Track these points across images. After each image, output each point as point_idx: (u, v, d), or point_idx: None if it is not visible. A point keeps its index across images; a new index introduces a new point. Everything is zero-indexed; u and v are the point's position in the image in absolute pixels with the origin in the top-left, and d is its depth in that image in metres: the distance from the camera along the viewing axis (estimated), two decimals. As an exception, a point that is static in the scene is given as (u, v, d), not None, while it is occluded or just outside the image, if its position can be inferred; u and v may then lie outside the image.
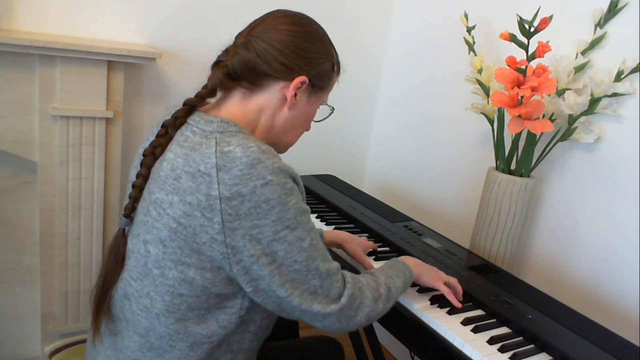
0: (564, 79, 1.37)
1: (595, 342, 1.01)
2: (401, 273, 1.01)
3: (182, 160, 0.78)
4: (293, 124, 0.92)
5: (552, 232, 1.50)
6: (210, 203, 0.75)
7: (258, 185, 0.75)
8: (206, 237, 0.76)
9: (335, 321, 0.83)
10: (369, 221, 1.51)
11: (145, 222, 0.82)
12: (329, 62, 0.91)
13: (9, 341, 1.73)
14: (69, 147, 1.54)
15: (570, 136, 1.38)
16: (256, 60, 0.85)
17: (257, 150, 0.77)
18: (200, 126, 0.82)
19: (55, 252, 1.63)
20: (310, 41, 0.87)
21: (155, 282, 0.81)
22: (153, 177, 0.83)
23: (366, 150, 2.31)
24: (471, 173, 1.78)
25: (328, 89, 0.95)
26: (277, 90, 0.87)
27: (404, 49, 2.09)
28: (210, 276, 0.79)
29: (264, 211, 0.75)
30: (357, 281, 0.88)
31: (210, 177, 0.75)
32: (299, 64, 0.86)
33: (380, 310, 0.91)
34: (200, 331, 0.83)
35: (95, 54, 1.47)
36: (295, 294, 0.80)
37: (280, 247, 0.77)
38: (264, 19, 0.89)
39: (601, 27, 1.35)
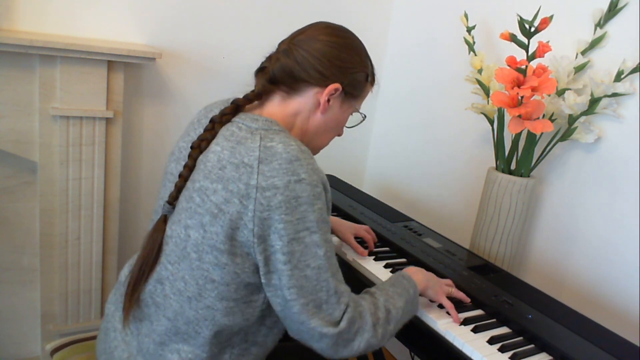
0: (564, 79, 1.37)
1: (595, 342, 1.01)
2: (404, 291, 0.98)
3: (229, 153, 0.84)
4: (325, 127, 0.97)
5: (552, 232, 1.50)
6: (248, 191, 0.80)
7: (292, 181, 0.80)
8: (240, 223, 0.81)
9: (332, 344, 0.84)
10: (369, 221, 1.51)
11: (187, 208, 0.87)
12: (363, 72, 0.97)
13: (9, 341, 1.73)
14: (69, 147, 1.54)
15: (570, 136, 1.38)
16: (294, 67, 0.91)
17: (297, 149, 0.83)
18: (246, 123, 0.88)
19: (55, 252, 1.63)
20: (346, 52, 0.93)
21: (191, 265, 0.85)
22: (198, 168, 0.88)
23: (366, 150, 2.31)
24: (471, 173, 1.78)
25: (361, 98, 1.01)
26: (312, 95, 0.93)
27: (404, 49, 2.09)
28: (240, 261, 0.83)
29: (292, 207, 0.80)
30: (358, 305, 0.88)
31: (252, 168, 0.81)
32: (333, 72, 0.92)
33: (380, 336, 0.89)
34: (226, 322, 0.87)
35: (95, 54, 1.47)
36: (300, 302, 0.82)
37: (297, 247, 0.81)
38: (307, 29, 0.95)
39: (601, 27, 1.35)
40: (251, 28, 1.87)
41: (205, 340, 0.88)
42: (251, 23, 1.86)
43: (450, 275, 1.22)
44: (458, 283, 1.18)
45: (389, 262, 1.27)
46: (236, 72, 1.87)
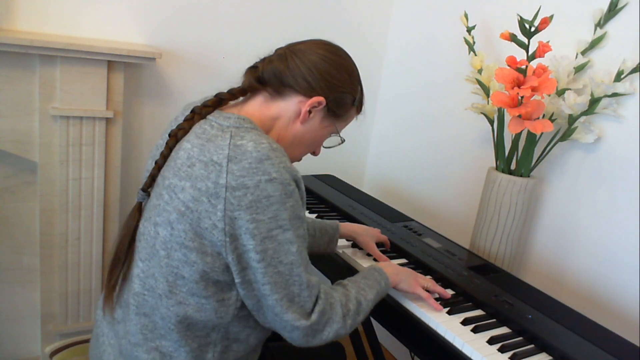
0: (564, 79, 1.37)
1: (595, 342, 1.01)
2: (376, 283, 1.01)
3: (198, 150, 0.84)
4: (302, 139, 0.97)
5: (552, 232, 1.50)
6: (217, 190, 0.80)
7: (262, 180, 0.80)
8: (209, 223, 0.81)
9: (303, 335, 0.86)
10: (369, 221, 1.51)
11: (157, 205, 0.88)
12: (350, 95, 0.97)
13: (9, 341, 1.73)
14: (69, 147, 1.54)
15: (570, 136, 1.38)
16: (285, 72, 0.92)
17: (268, 148, 0.82)
18: (218, 121, 0.88)
19: (55, 252, 1.63)
20: (338, 70, 0.94)
21: (160, 263, 0.86)
22: (168, 165, 0.89)
23: (366, 150, 2.31)
24: (471, 173, 1.78)
25: (343, 120, 1.01)
26: (295, 103, 0.93)
27: (404, 49, 2.10)
28: (210, 260, 0.83)
29: (263, 206, 0.80)
30: (330, 296, 0.90)
31: (220, 166, 0.80)
32: (321, 85, 0.92)
33: (349, 327, 0.92)
34: (198, 317, 0.87)
35: (95, 54, 1.47)
36: (274, 297, 0.83)
37: (270, 245, 0.81)
38: (307, 41, 0.97)
39: (601, 27, 1.35)
40: (251, 28, 1.87)
41: (180, 335, 0.88)
42: (251, 23, 1.86)
43: (450, 275, 1.22)
44: (458, 283, 1.18)
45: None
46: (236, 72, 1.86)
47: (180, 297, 0.86)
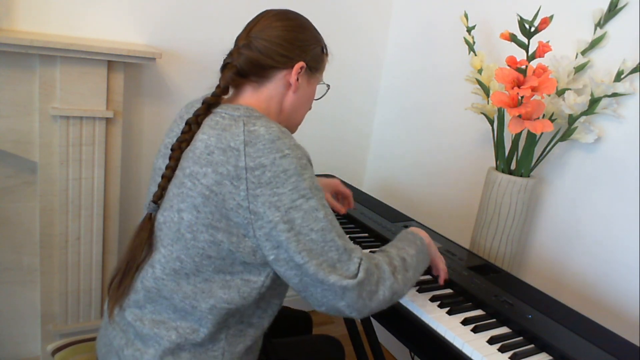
0: (564, 79, 1.37)
1: (595, 342, 1.01)
2: (412, 243, 1.04)
3: (215, 139, 0.89)
4: (299, 104, 1.04)
5: (552, 232, 1.50)
6: (238, 173, 0.85)
7: (277, 157, 0.85)
8: (233, 204, 0.85)
9: (357, 297, 0.87)
10: (369, 221, 1.51)
11: (179, 194, 0.91)
12: (319, 46, 1.03)
13: (9, 341, 1.73)
14: (69, 147, 1.54)
15: (570, 136, 1.38)
16: (259, 57, 0.96)
17: (278, 130, 0.89)
18: (228, 112, 0.93)
19: (55, 252, 1.63)
20: (301, 32, 1.00)
21: (187, 245, 0.90)
22: (186, 157, 0.93)
23: (366, 150, 2.31)
24: (471, 173, 1.78)
25: (322, 70, 1.07)
26: (281, 78, 0.99)
27: (404, 49, 2.10)
28: (235, 240, 0.87)
29: (282, 180, 0.85)
30: (372, 258, 0.93)
31: (238, 151, 0.86)
32: (296, 53, 0.98)
33: (401, 282, 0.94)
34: (222, 295, 0.90)
35: (95, 54, 1.47)
36: (313, 263, 0.85)
37: (297, 214, 0.85)
38: (258, 20, 1.00)
39: (601, 27, 1.35)
40: (251, 28, 1.87)
41: (202, 314, 0.91)
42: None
43: (451, 275, 1.22)
44: (458, 283, 1.18)
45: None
46: (236, 72, 1.87)
47: (206, 275, 0.90)
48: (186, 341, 0.92)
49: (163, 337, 0.92)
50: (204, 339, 0.92)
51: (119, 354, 0.96)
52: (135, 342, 0.95)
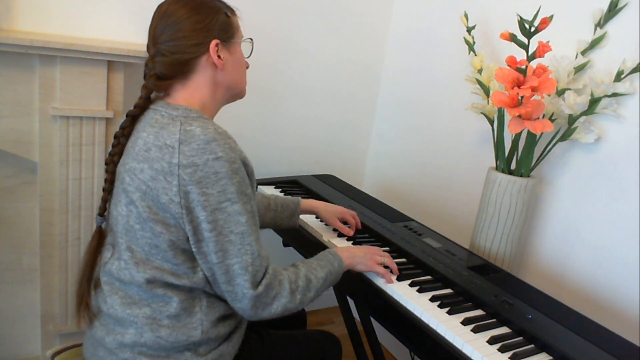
0: (564, 79, 1.37)
1: (595, 342, 1.01)
2: (328, 264, 1.10)
3: (153, 137, 0.94)
4: (233, 74, 1.06)
5: (552, 232, 1.50)
6: (171, 169, 0.90)
7: (210, 159, 0.89)
8: (166, 199, 0.91)
9: (251, 306, 0.94)
10: (369, 221, 1.51)
11: (122, 189, 0.97)
12: (220, 14, 1.02)
13: (9, 341, 1.73)
14: (69, 147, 1.54)
15: (570, 136, 1.38)
16: (174, 57, 0.99)
17: (214, 131, 0.92)
18: (167, 111, 0.97)
19: (55, 252, 1.63)
20: (198, 13, 0.99)
21: (136, 235, 0.95)
22: (127, 153, 0.99)
23: (366, 150, 2.31)
24: (471, 173, 1.78)
25: (236, 32, 1.07)
26: (204, 64, 1.01)
27: (404, 49, 2.10)
28: (173, 230, 0.93)
29: (212, 181, 0.90)
30: (279, 273, 0.99)
31: (173, 148, 0.90)
32: (204, 35, 0.99)
33: (298, 302, 1.00)
34: (174, 281, 0.95)
35: (95, 54, 1.47)
36: (225, 263, 0.92)
37: (220, 216, 0.91)
38: (154, 23, 1.01)
39: (601, 27, 1.35)
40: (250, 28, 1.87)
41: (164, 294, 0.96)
42: (250, 23, 1.86)
43: (451, 275, 1.22)
44: (458, 283, 1.18)
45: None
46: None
47: (156, 264, 0.95)
48: (161, 314, 0.96)
49: (138, 315, 0.96)
50: (179, 311, 0.96)
51: (103, 344, 1.00)
52: (115, 328, 0.99)
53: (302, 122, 2.09)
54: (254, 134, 1.99)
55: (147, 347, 0.96)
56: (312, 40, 2.00)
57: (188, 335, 0.96)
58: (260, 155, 2.03)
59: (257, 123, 1.99)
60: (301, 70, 2.02)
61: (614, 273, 1.35)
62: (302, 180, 1.89)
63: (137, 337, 0.96)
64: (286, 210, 1.38)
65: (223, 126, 0.99)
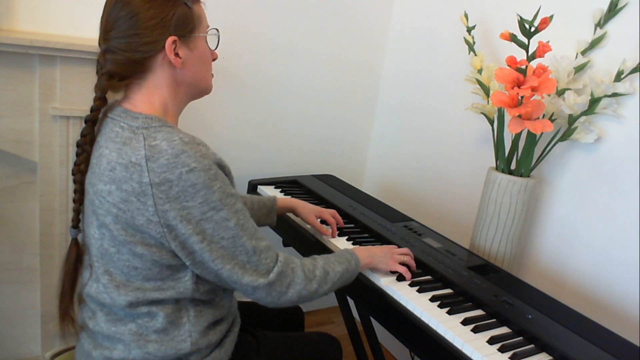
0: (564, 79, 1.37)
1: (595, 342, 1.01)
2: (345, 261, 1.09)
3: (116, 154, 0.87)
4: (194, 71, 0.96)
5: (552, 232, 1.50)
6: (143, 189, 0.84)
7: (184, 172, 0.84)
8: (143, 220, 0.85)
9: (266, 295, 0.94)
10: (369, 221, 1.51)
11: (93, 211, 0.92)
12: (179, 6, 0.91)
13: (9, 341, 1.73)
14: (69, 147, 1.54)
15: (570, 136, 1.38)
16: (126, 55, 0.89)
17: (180, 142, 0.85)
18: (127, 122, 0.90)
19: (55, 252, 1.63)
20: (153, 6, 0.89)
21: (112, 258, 0.91)
22: (92, 171, 0.92)
23: (366, 150, 2.31)
24: (471, 173, 1.78)
25: (199, 24, 0.96)
26: (161, 62, 0.92)
27: (404, 49, 2.10)
28: (156, 250, 0.88)
29: (191, 194, 0.84)
30: (291, 262, 0.98)
31: (140, 166, 0.84)
32: (159, 32, 0.89)
33: (314, 290, 1.00)
34: (158, 296, 0.92)
35: (95, 54, 1.45)
36: (226, 268, 0.90)
37: (207, 225, 0.87)
38: (105, 20, 0.92)
39: (601, 27, 1.35)
40: (250, 27, 1.87)
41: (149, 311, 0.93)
42: (250, 22, 1.86)
43: (451, 275, 1.22)
44: (458, 283, 1.18)
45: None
46: (236, 72, 1.87)
47: (137, 284, 0.91)
48: (147, 329, 0.93)
49: (124, 332, 0.93)
50: (165, 325, 0.93)
51: (89, 357, 0.98)
52: (103, 343, 0.96)
53: (302, 122, 2.09)
54: (253, 134, 1.99)
55: None
56: (312, 41, 2.00)
57: (177, 348, 0.94)
58: (260, 155, 2.03)
59: (257, 123, 1.99)
60: (301, 70, 2.02)
61: (614, 273, 1.35)
62: (302, 180, 1.89)
63: (125, 354, 0.93)
64: (263, 208, 1.38)
65: (223, 128, 0.96)
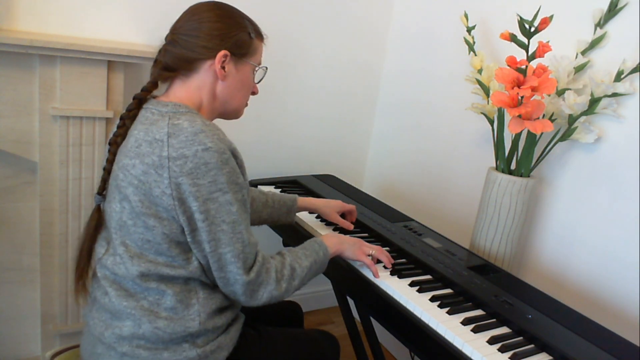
0: (564, 79, 1.37)
1: (595, 342, 1.01)
2: (313, 253, 1.13)
3: (143, 133, 0.96)
4: (232, 90, 1.08)
5: (552, 232, 1.50)
6: (162, 162, 0.92)
7: (199, 150, 0.91)
8: (158, 191, 0.93)
9: (243, 291, 0.98)
10: (369, 221, 1.51)
11: (116, 185, 0.99)
12: (243, 32, 1.06)
13: (9, 341, 1.73)
14: (69, 147, 1.54)
15: (570, 136, 1.38)
16: (182, 51, 1.02)
17: (201, 124, 0.94)
18: (157, 108, 1.00)
19: (55, 252, 1.63)
20: (220, 21, 1.03)
21: (129, 230, 0.97)
22: (120, 151, 1.01)
23: (366, 150, 2.31)
24: (471, 173, 1.78)
25: (253, 54, 1.09)
26: (207, 69, 1.03)
27: (404, 49, 2.10)
28: (167, 224, 0.95)
29: (202, 172, 0.91)
30: (267, 261, 1.02)
31: (162, 142, 0.93)
32: (216, 42, 1.02)
33: (284, 290, 1.03)
34: (169, 272, 0.97)
35: (95, 54, 1.47)
36: (218, 252, 0.95)
37: (212, 206, 0.93)
38: (182, 17, 1.06)
39: (601, 27, 1.35)
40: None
41: (159, 287, 0.98)
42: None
43: (451, 275, 1.22)
44: (458, 283, 1.18)
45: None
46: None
47: (150, 257, 0.97)
48: (158, 307, 0.98)
49: (135, 307, 0.97)
50: (175, 304, 0.98)
51: (102, 340, 1.00)
52: (112, 322, 1.00)
53: (302, 122, 2.09)
54: (254, 134, 1.99)
55: (146, 340, 0.97)
56: (312, 41, 2.00)
57: (185, 326, 0.98)
58: (260, 155, 2.03)
59: (257, 123, 1.99)
60: (301, 70, 2.02)
61: (614, 273, 1.35)
62: (302, 180, 1.89)
63: (135, 329, 0.97)
64: (283, 207, 1.41)
65: (223, 128, 0.99)
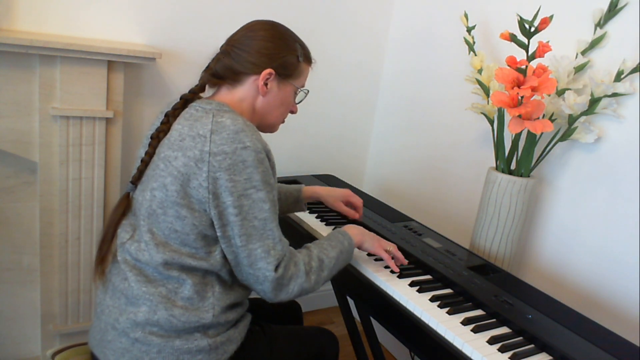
0: (564, 79, 1.37)
1: (595, 342, 1.01)
2: (338, 243, 1.15)
3: (187, 128, 1.02)
4: (270, 107, 1.14)
5: (552, 232, 1.50)
6: (202, 156, 0.97)
7: (239, 147, 0.97)
8: (196, 183, 0.98)
9: (272, 288, 1.01)
10: (369, 221, 1.51)
11: (153, 175, 1.04)
12: (292, 55, 1.12)
13: (9, 341, 1.73)
14: (69, 147, 1.54)
15: (570, 136, 1.38)
16: (232, 63, 1.10)
17: (243, 123, 1.00)
18: (202, 106, 1.06)
19: (55, 252, 1.63)
20: (272, 41, 1.10)
21: (158, 219, 1.02)
22: (162, 144, 1.06)
23: (366, 150, 2.31)
24: (471, 173, 1.78)
25: (298, 76, 1.16)
26: (251, 83, 1.10)
27: (404, 49, 2.10)
28: (197, 215, 0.99)
29: (240, 169, 0.97)
30: (294, 255, 1.05)
31: (205, 138, 0.98)
32: (263, 60, 1.09)
33: (313, 282, 1.06)
34: (192, 262, 1.01)
35: (95, 54, 1.47)
36: (248, 247, 0.98)
37: (246, 202, 0.97)
38: (239, 30, 1.13)
39: (601, 27, 1.35)
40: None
41: (179, 277, 1.01)
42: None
43: (451, 275, 1.22)
44: (458, 283, 1.18)
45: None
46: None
47: (174, 247, 1.01)
48: (176, 295, 1.01)
49: (153, 293, 1.01)
50: (192, 294, 1.01)
51: (116, 326, 1.02)
52: (128, 307, 1.02)
53: (302, 122, 2.09)
54: (254, 134, 1.99)
55: (159, 327, 1.00)
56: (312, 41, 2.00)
57: (200, 317, 1.01)
58: (260, 155, 2.03)
59: (257, 123, 1.99)
60: (301, 70, 2.02)
61: (613, 273, 1.35)
62: (302, 180, 1.89)
63: (150, 315, 0.99)
64: (290, 197, 1.46)
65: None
